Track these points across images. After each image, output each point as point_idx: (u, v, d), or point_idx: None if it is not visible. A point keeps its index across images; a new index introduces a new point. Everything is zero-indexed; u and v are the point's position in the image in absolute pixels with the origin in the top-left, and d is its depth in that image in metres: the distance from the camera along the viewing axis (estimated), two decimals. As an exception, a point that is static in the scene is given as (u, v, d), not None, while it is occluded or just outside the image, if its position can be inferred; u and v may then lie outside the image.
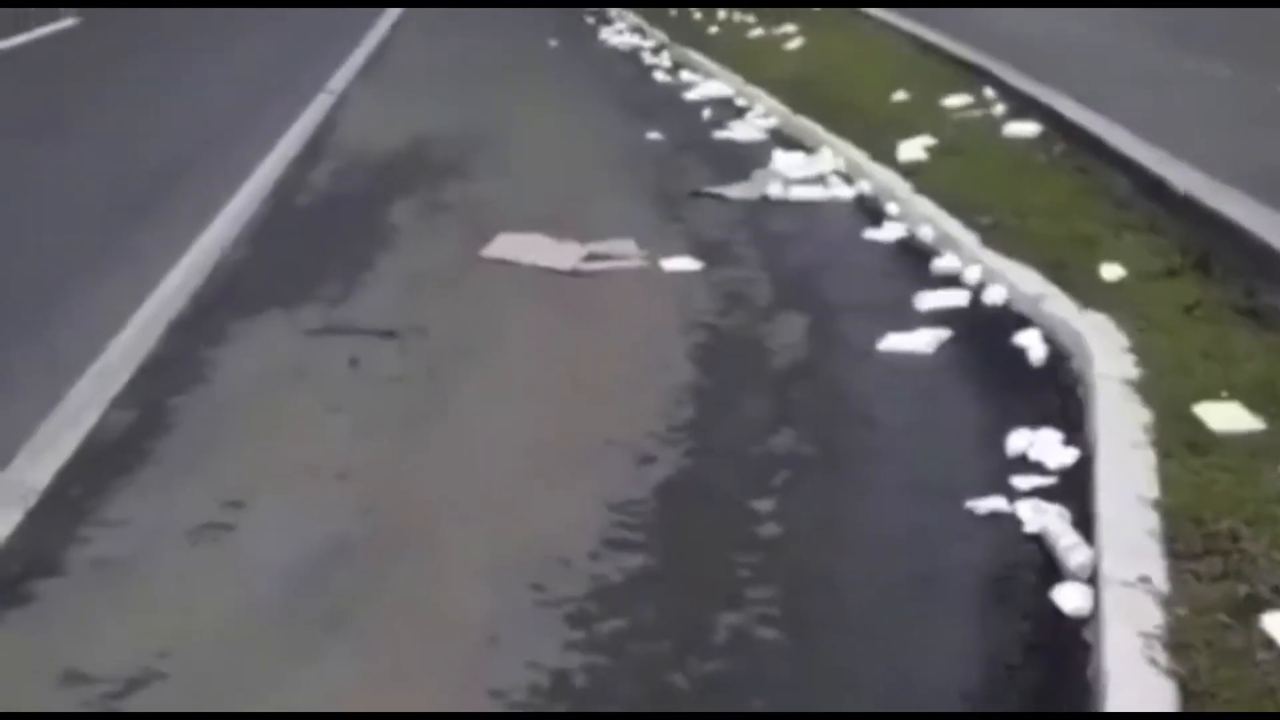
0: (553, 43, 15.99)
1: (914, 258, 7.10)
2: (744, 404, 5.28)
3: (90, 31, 17.10)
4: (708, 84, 12.63)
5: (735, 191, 8.61)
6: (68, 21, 17.38)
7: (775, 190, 8.55)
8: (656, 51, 15.10)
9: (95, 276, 6.99)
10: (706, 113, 11.28)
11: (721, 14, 16.68)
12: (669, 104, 12.01)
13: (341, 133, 10.86)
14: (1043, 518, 4.11)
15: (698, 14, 17.06)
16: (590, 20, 18.36)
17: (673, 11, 17.68)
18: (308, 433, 5.07)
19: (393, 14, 18.46)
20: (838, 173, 8.87)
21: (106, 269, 7.14)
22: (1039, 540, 4.04)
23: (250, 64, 14.67)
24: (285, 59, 14.92)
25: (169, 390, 5.47)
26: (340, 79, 13.42)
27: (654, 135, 10.43)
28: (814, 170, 8.98)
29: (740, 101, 11.71)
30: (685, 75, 13.32)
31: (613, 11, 19.11)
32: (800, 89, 11.20)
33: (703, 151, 9.95)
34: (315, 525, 4.28)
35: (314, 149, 10.21)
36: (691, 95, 12.23)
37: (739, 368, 5.68)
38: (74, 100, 12.21)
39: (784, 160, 9.25)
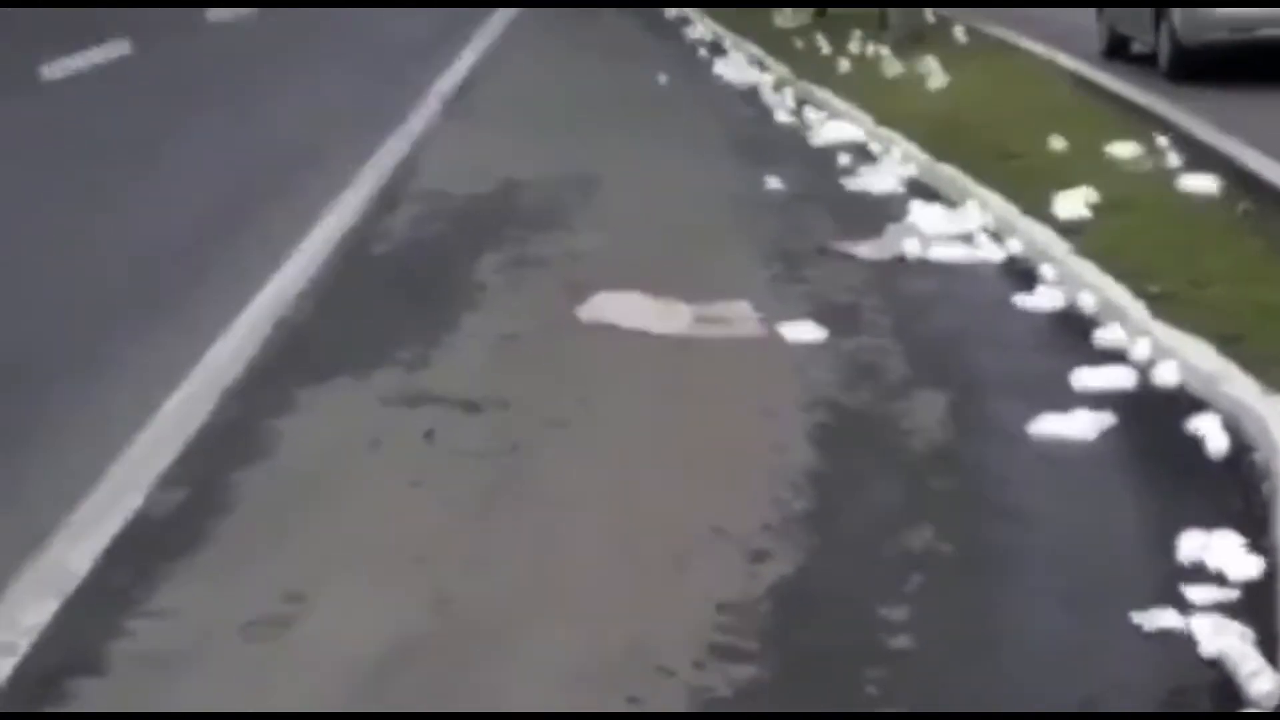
0: (661, 78, 16.13)
1: (1073, 329, 7.05)
2: (873, 494, 5.25)
3: (148, 59, 17.55)
4: (836, 126, 12.65)
5: (866, 249, 8.60)
6: (123, 48, 17.84)
7: (913, 248, 8.53)
8: (778, 88, 15.17)
9: (144, 333, 7.14)
10: (835, 158, 11.31)
11: (854, 46, 16.76)
12: (792, 148, 12.06)
13: (423, 174, 11.03)
14: (1222, 637, 4.03)
15: (826, 47, 17.15)
16: (703, 53, 18.51)
17: (798, 43, 17.80)
18: (379, 515, 5.11)
19: (479, 49, 18.74)
20: (985, 230, 8.83)
21: (157, 325, 7.27)
22: (1217, 664, 3.97)
23: (325, 95, 14.96)
24: (361, 90, 15.19)
25: (224, 464, 5.54)
26: (423, 114, 13.63)
27: (774, 183, 10.46)
28: (958, 226, 8.95)
29: (873, 146, 11.72)
30: (811, 115, 13.37)
31: (728, 41, 19.27)
32: (942, 133, 11.19)
33: (829, 202, 9.97)
34: (384, 620, 4.30)
35: (391, 192, 10.36)
36: (818, 138, 12.28)
37: (868, 451, 5.66)
38: (124, 135, 12.48)
39: (923, 214, 9.23)
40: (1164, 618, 4.20)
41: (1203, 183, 9.07)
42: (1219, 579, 4.42)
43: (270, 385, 6.46)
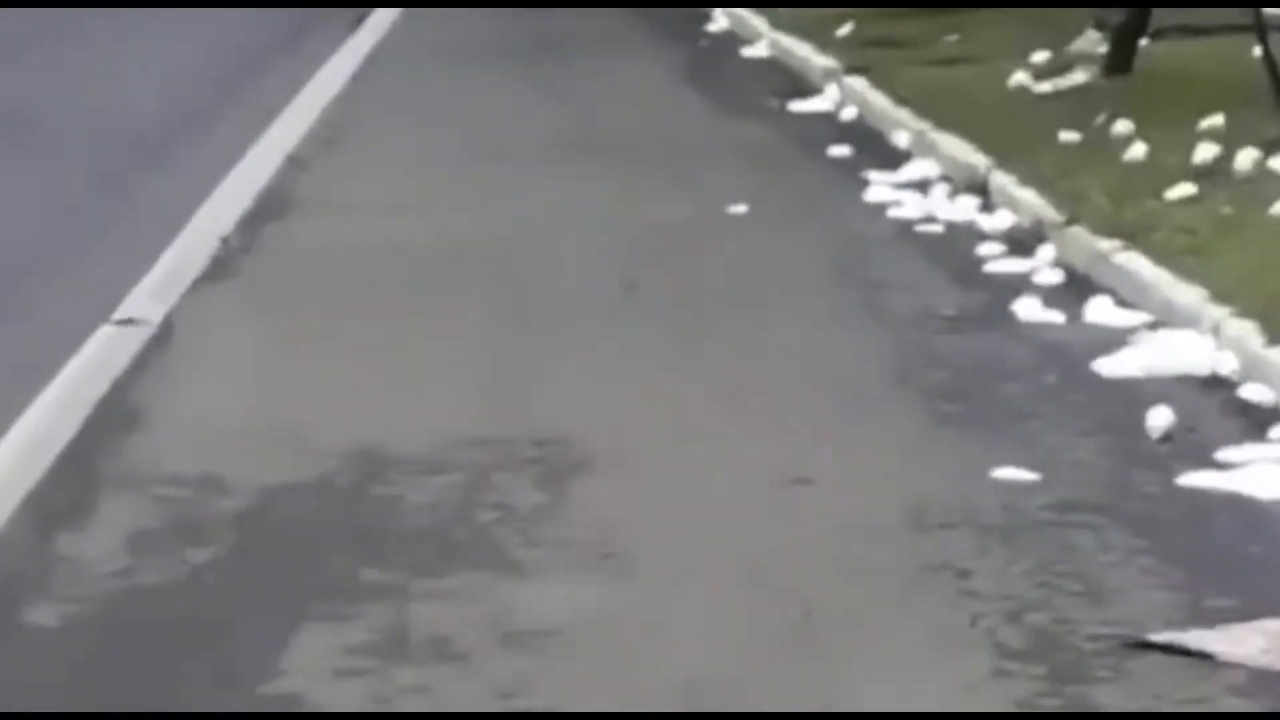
0: (739, 208, 16.93)
1: None
2: None
3: None
4: (1163, 339, 13.08)
5: (1242, 645, 8.56)
6: None
7: None
8: (1024, 247, 15.81)
9: None
10: (1159, 414, 11.33)
11: (1204, 148, 16.73)
12: (1054, 382, 12.56)
13: (157, 430, 11.66)
14: None
15: (1137, 144, 17.23)
16: (841, 152, 19.01)
17: (1067, 135, 17.93)
18: None
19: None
20: None
21: None
22: None
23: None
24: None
25: None
26: (173, 282, 15.01)
27: (1012, 473, 10.57)
28: None
29: (1255, 391, 12.02)
30: (1100, 309, 13.79)
31: (906, 125, 19.25)
32: None
33: (1151, 524, 10.02)
34: None
35: (81, 473, 11.00)
36: (1116, 364, 12.64)
37: None
38: None
39: None
40: None
41: None
42: None
43: None
